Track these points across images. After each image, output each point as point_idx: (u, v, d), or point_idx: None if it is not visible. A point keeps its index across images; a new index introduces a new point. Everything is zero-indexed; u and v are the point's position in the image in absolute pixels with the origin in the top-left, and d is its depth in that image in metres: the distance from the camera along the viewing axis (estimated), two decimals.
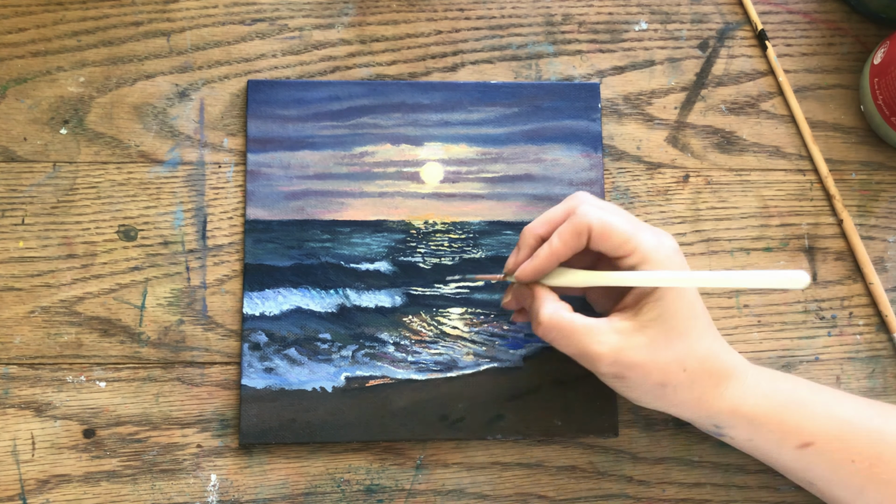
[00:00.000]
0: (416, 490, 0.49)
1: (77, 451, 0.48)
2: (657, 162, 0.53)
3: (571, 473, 0.49)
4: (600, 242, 0.43)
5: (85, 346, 0.49)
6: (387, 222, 0.51)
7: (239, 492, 0.48)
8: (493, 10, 0.54)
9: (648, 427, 0.50)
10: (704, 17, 0.55)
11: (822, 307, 0.52)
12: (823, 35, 0.55)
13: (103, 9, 0.52)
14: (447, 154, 0.52)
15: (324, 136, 0.51)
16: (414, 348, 0.49)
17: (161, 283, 0.50)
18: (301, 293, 0.49)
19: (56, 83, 0.51)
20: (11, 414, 0.48)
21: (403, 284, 0.50)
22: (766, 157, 0.53)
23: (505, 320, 0.50)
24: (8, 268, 0.49)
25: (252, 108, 0.51)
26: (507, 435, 0.49)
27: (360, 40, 0.53)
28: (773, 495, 0.50)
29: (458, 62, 0.53)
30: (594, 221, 0.43)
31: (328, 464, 0.49)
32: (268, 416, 0.48)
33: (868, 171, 0.54)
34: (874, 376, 0.51)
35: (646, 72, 0.54)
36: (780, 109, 0.54)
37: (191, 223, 0.50)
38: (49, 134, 0.51)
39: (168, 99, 0.52)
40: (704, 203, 0.53)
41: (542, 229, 0.45)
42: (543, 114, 0.52)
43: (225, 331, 0.49)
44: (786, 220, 0.53)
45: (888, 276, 0.52)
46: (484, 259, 0.50)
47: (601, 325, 0.43)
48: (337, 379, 0.49)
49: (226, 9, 0.53)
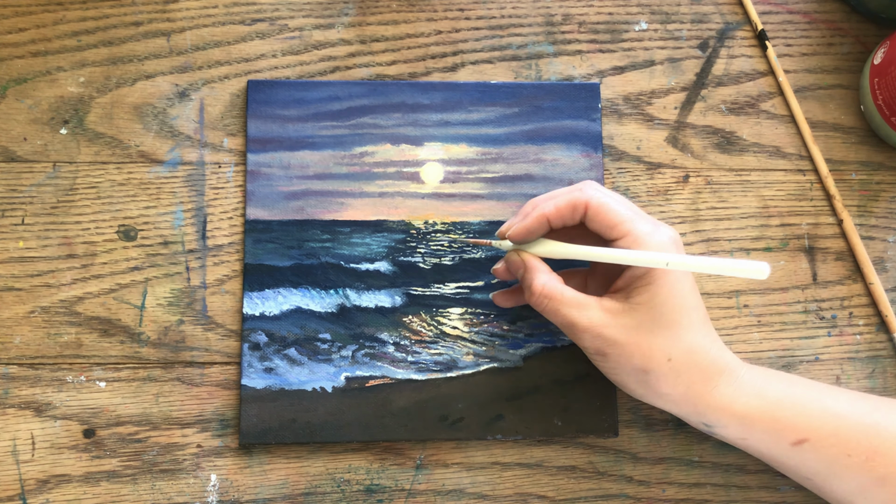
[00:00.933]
0: (416, 490, 0.49)
1: (77, 451, 0.48)
2: (657, 162, 0.53)
3: (571, 473, 0.49)
4: (594, 220, 0.44)
5: (85, 346, 0.49)
6: (387, 222, 0.51)
7: (239, 492, 0.48)
8: (493, 10, 0.54)
9: (648, 427, 0.50)
10: (704, 17, 0.55)
11: (822, 307, 0.52)
12: (823, 35, 0.55)
13: (103, 9, 0.52)
14: (447, 154, 0.52)
15: (324, 136, 0.51)
16: (414, 348, 0.49)
17: (161, 283, 0.50)
18: (301, 293, 0.49)
19: (56, 83, 0.51)
20: (11, 414, 0.48)
21: (403, 284, 0.50)
22: (766, 157, 0.53)
23: (505, 320, 0.50)
24: (8, 268, 0.49)
25: (252, 108, 0.51)
26: (507, 435, 0.49)
27: (360, 40, 0.53)
28: (773, 495, 0.50)
29: (458, 62, 0.53)
30: (591, 199, 0.44)
31: (328, 464, 0.49)
32: (268, 416, 0.48)
33: (868, 171, 0.54)
34: (874, 376, 0.51)
35: (646, 72, 0.54)
36: (780, 109, 0.54)
37: (191, 223, 0.50)
38: (49, 134, 0.51)
39: (168, 99, 0.52)
40: (704, 203, 0.53)
41: (543, 202, 0.45)
42: (543, 114, 0.52)
43: (225, 331, 0.49)
44: (786, 220, 0.53)
45: (888, 276, 0.52)
46: (484, 259, 0.50)
47: (590, 300, 0.44)
48: (337, 379, 0.49)
49: (226, 9, 0.53)
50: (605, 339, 0.43)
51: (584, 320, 0.43)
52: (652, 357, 0.43)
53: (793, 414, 0.43)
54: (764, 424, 0.44)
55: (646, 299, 0.43)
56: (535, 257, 0.45)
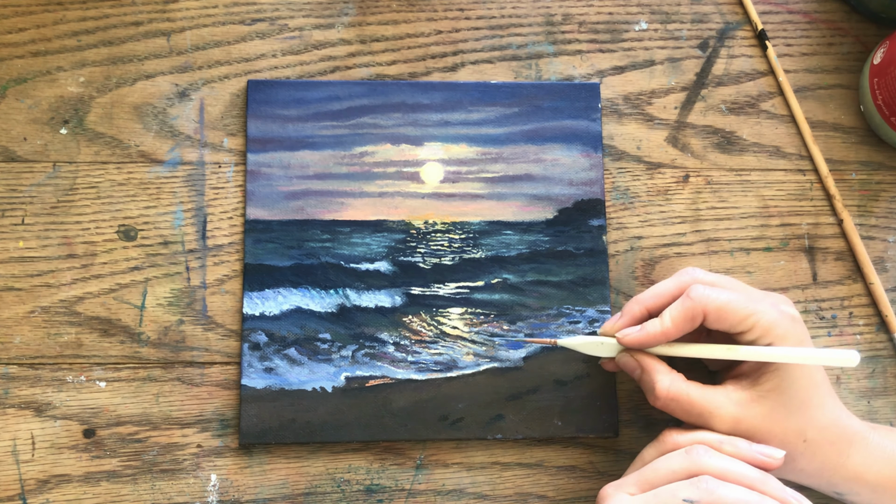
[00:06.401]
0: (416, 490, 0.49)
1: (77, 451, 0.48)
2: (657, 162, 0.53)
3: (571, 473, 0.49)
4: (717, 323, 0.43)
5: (85, 346, 0.49)
6: (387, 222, 0.51)
7: (239, 492, 0.48)
8: (493, 10, 0.54)
9: (648, 427, 0.50)
10: (704, 17, 0.55)
11: (822, 307, 0.52)
12: (823, 35, 0.55)
13: (103, 9, 0.52)
14: (447, 154, 0.52)
15: (324, 136, 0.51)
16: (414, 348, 0.49)
17: (161, 283, 0.50)
18: (301, 293, 0.49)
19: (56, 83, 0.51)
20: (11, 414, 0.48)
21: (403, 284, 0.50)
22: (766, 157, 0.53)
23: (505, 320, 0.50)
24: (8, 268, 0.49)
25: (252, 108, 0.51)
26: (507, 435, 0.49)
27: (360, 40, 0.53)
28: None
29: (458, 62, 0.53)
30: (709, 306, 0.43)
31: (328, 464, 0.49)
32: (268, 416, 0.48)
33: (868, 171, 0.54)
34: (874, 376, 0.51)
35: (646, 72, 0.54)
36: (780, 109, 0.54)
37: (191, 223, 0.50)
38: (49, 134, 0.51)
39: (168, 99, 0.52)
40: (704, 203, 0.53)
41: (651, 302, 0.45)
42: (543, 114, 0.52)
43: (225, 331, 0.49)
44: (786, 220, 0.53)
45: (888, 276, 0.52)
46: (484, 259, 0.50)
47: (718, 396, 0.43)
48: (337, 379, 0.49)
49: (226, 9, 0.53)
50: (740, 433, 0.43)
51: (717, 421, 0.42)
52: (788, 441, 0.43)
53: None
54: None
55: (776, 385, 0.43)
56: (650, 357, 0.45)
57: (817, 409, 0.43)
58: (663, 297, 0.45)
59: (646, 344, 0.44)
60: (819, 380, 0.44)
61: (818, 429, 0.43)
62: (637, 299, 0.45)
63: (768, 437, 0.43)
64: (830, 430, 0.43)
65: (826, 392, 0.44)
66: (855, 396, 0.51)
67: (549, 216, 0.51)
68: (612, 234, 0.52)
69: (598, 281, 0.50)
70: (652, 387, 0.44)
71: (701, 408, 0.43)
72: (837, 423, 0.44)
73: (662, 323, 0.43)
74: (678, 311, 0.43)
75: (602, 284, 0.50)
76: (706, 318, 0.43)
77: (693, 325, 0.43)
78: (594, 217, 0.51)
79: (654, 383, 0.43)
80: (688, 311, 0.43)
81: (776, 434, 0.43)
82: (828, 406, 0.44)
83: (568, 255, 0.51)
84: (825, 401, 0.44)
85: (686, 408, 0.43)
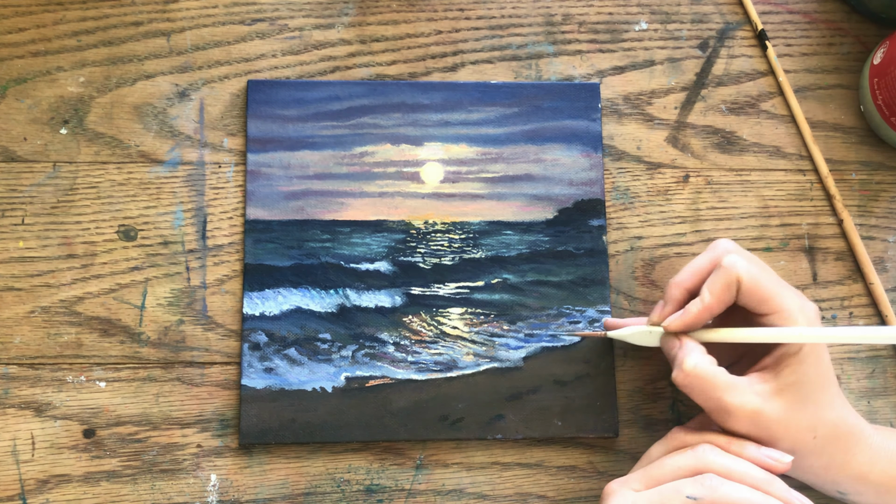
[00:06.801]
0: (416, 490, 0.49)
1: (77, 451, 0.48)
2: (657, 162, 0.53)
3: (571, 473, 0.49)
4: (747, 296, 0.43)
5: (85, 346, 0.49)
6: (387, 222, 0.51)
7: (239, 492, 0.48)
8: (493, 10, 0.54)
9: (648, 427, 0.50)
10: (704, 17, 0.55)
11: (822, 307, 0.52)
12: (823, 35, 0.55)
13: (103, 9, 0.52)
14: (447, 154, 0.52)
15: (324, 136, 0.51)
16: (414, 348, 0.49)
17: (161, 283, 0.50)
18: (301, 293, 0.49)
19: (56, 83, 0.51)
20: (11, 414, 0.48)
21: (403, 284, 0.50)
22: (766, 157, 0.53)
23: (505, 320, 0.50)
24: (8, 268, 0.49)
25: (252, 108, 0.51)
26: (507, 435, 0.49)
27: (360, 40, 0.53)
28: None
29: (458, 62, 0.53)
30: (744, 273, 0.42)
31: (328, 464, 0.49)
32: (268, 416, 0.48)
33: (868, 171, 0.54)
34: (874, 376, 0.51)
35: (646, 72, 0.54)
36: (780, 109, 0.54)
37: (191, 223, 0.50)
38: (49, 134, 0.51)
39: (168, 99, 0.52)
40: (704, 203, 0.53)
41: (689, 282, 0.45)
42: (543, 114, 0.52)
43: (225, 331, 0.49)
44: (786, 220, 0.53)
45: (888, 276, 0.52)
46: (484, 259, 0.50)
47: (742, 383, 0.42)
48: (337, 379, 0.49)
49: (226, 9, 0.53)
50: (758, 426, 0.42)
51: (738, 407, 0.42)
52: (799, 438, 0.43)
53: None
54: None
55: (796, 378, 0.42)
56: (690, 337, 0.44)
57: (828, 405, 0.43)
58: (699, 273, 0.44)
59: (691, 325, 0.44)
60: (831, 376, 0.44)
61: (828, 426, 0.43)
62: (676, 282, 0.45)
63: (783, 433, 0.42)
64: (839, 427, 0.43)
65: (836, 389, 0.44)
66: (855, 396, 0.51)
67: (549, 216, 0.51)
68: (612, 234, 0.52)
69: (598, 281, 0.50)
70: (681, 361, 0.43)
71: (722, 391, 0.42)
72: (845, 420, 0.44)
73: (703, 300, 0.43)
74: (716, 282, 0.43)
75: (602, 284, 0.50)
76: (740, 288, 0.43)
77: (731, 294, 0.43)
78: (594, 217, 0.51)
79: (684, 357, 0.43)
80: (725, 280, 0.43)
81: (791, 429, 0.42)
82: (837, 403, 0.44)
83: (568, 256, 0.51)
84: (835, 398, 0.44)
85: (709, 387, 0.42)
